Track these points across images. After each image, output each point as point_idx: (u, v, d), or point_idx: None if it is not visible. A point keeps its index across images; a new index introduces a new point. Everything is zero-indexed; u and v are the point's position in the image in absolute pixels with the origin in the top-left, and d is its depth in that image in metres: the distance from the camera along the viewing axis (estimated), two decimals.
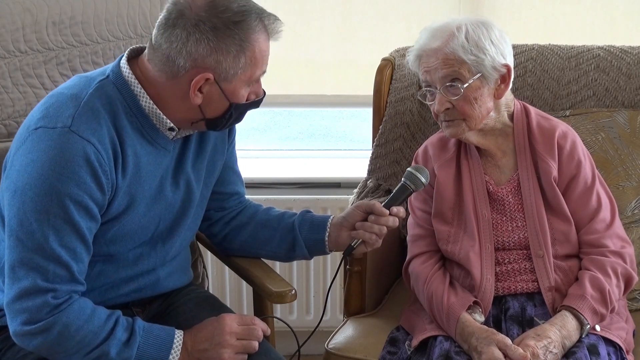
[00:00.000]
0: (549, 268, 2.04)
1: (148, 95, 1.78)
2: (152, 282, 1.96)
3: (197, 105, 1.77)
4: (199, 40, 1.70)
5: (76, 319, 1.71)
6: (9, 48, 2.18)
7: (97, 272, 1.85)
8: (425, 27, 2.09)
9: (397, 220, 1.98)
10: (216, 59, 1.72)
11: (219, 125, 1.84)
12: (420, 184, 1.99)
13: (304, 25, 3.01)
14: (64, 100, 1.75)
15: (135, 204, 1.83)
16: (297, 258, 2.11)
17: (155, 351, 1.76)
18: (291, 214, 2.10)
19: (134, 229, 1.86)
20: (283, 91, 3.08)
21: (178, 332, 1.80)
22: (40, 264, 1.68)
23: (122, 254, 1.88)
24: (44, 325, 1.69)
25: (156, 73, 1.77)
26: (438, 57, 2.01)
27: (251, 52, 1.74)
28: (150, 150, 1.83)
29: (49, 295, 1.69)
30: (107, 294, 1.88)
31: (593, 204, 2.08)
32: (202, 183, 1.98)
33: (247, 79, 1.77)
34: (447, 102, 2.02)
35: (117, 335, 1.73)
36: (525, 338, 1.90)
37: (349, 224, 2.01)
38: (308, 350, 2.23)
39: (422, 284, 2.09)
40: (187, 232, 2.00)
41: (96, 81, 1.79)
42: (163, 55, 1.74)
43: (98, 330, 1.72)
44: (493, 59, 2.02)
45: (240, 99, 1.80)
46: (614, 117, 2.40)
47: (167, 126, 1.82)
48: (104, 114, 1.75)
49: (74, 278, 1.73)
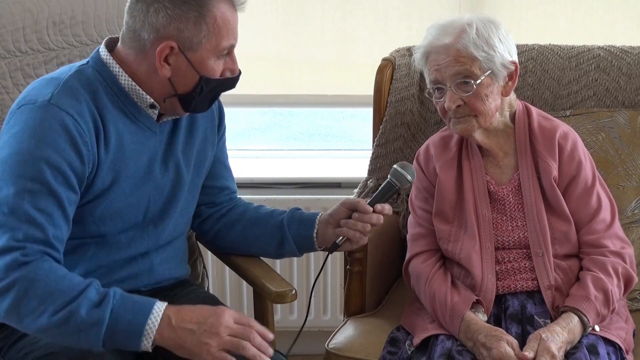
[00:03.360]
0: (549, 267, 2.04)
1: (126, 73, 1.83)
2: (146, 267, 1.96)
3: (167, 78, 1.81)
4: (157, 10, 1.76)
5: (45, 276, 1.66)
6: (10, 48, 2.18)
7: (91, 255, 1.86)
8: (432, 24, 2.08)
9: (382, 218, 1.97)
10: (177, 27, 1.76)
11: (192, 101, 1.85)
12: (405, 181, 1.97)
13: (304, 25, 3.01)
14: (43, 83, 1.82)
15: (120, 180, 1.85)
16: (287, 255, 2.12)
17: (132, 315, 1.67)
18: (280, 211, 2.11)
19: (121, 207, 1.87)
20: (283, 91, 3.08)
21: (161, 302, 1.72)
22: (14, 225, 1.68)
23: (113, 236, 1.89)
24: (11, 281, 1.65)
25: (127, 51, 1.83)
26: (449, 53, 2.01)
27: (212, 19, 1.77)
28: (135, 129, 1.86)
29: (18, 252, 1.66)
30: (102, 279, 1.83)
31: (593, 204, 2.08)
32: (193, 170, 2.00)
33: (213, 48, 1.80)
34: (458, 99, 2.02)
35: (89, 296, 1.67)
36: (543, 341, 1.88)
37: (335, 220, 2.01)
38: (308, 350, 2.24)
39: (424, 283, 2.09)
40: (180, 218, 2.01)
41: (76, 66, 1.85)
42: (129, 31, 1.80)
43: (68, 290, 1.66)
44: (502, 56, 2.02)
45: (210, 72, 1.82)
46: (614, 117, 2.40)
47: (148, 102, 1.85)
48: (83, 92, 1.79)
49: (49, 241, 1.71)
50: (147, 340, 1.68)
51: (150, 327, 1.68)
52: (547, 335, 1.89)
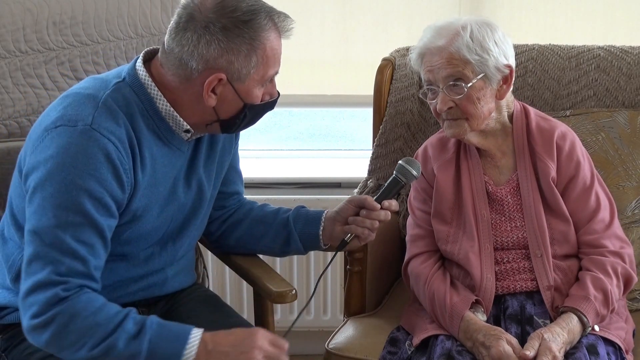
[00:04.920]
0: (548, 268, 2.04)
1: (165, 97, 1.79)
2: (160, 281, 1.97)
3: (212, 106, 1.78)
4: (209, 42, 1.71)
5: (83, 310, 1.67)
6: (10, 48, 2.18)
7: (108, 270, 1.84)
8: (428, 25, 2.09)
9: (389, 214, 1.97)
10: (228, 59, 1.73)
11: (234, 126, 1.84)
12: (411, 177, 1.98)
13: (304, 25, 3.00)
14: (81, 100, 1.76)
15: (151, 205, 1.84)
16: (292, 253, 2.12)
17: (169, 345, 1.68)
18: (286, 209, 2.11)
19: (148, 230, 1.86)
20: (283, 91, 3.06)
21: (196, 329, 1.73)
22: (56, 258, 1.67)
23: (134, 254, 1.88)
24: (51, 315, 1.65)
25: (170, 77, 1.78)
26: (442, 55, 2.01)
27: (262, 50, 1.75)
28: (166, 151, 1.84)
29: (59, 287, 1.66)
30: (116, 291, 1.87)
31: (592, 204, 2.08)
32: (213, 183, 1.99)
33: (259, 78, 1.78)
34: (450, 101, 2.02)
35: (126, 328, 1.68)
36: (545, 342, 1.88)
37: (342, 218, 2.01)
38: (308, 350, 2.24)
39: (423, 284, 2.09)
40: (195, 232, 2.01)
41: (112, 83, 1.79)
42: (176, 58, 1.75)
43: (106, 323, 1.67)
44: (496, 60, 2.01)
45: (254, 99, 1.81)
46: (614, 117, 2.40)
47: (184, 128, 1.83)
48: (121, 114, 1.75)
49: (89, 274, 1.70)
50: None
51: (187, 356, 1.69)
52: (549, 335, 1.89)
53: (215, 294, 2.17)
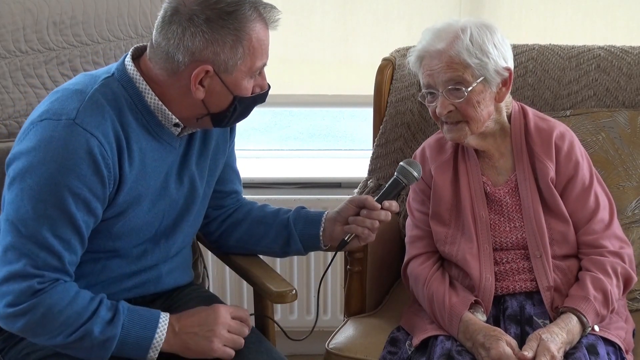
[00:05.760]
0: (547, 268, 2.04)
1: (153, 92, 1.80)
2: (154, 277, 1.97)
3: (200, 99, 1.79)
4: (194, 34, 1.72)
5: (59, 300, 1.71)
6: (10, 48, 2.18)
7: (101, 267, 1.87)
8: (427, 27, 2.08)
9: (390, 214, 1.98)
10: (213, 51, 1.74)
11: (224, 119, 1.85)
12: (412, 178, 1.98)
13: (304, 25, 3.01)
14: (68, 95, 1.78)
15: (140, 199, 1.84)
16: (292, 253, 2.13)
17: (140, 330, 1.77)
18: (286, 210, 2.11)
19: (139, 225, 1.87)
20: (283, 91, 3.08)
21: (164, 314, 1.81)
22: (32, 251, 1.70)
23: (126, 250, 1.89)
24: (27, 307, 1.70)
25: (158, 71, 1.79)
26: (442, 59, 2.00)
27: (248, 41, 1.76)
28: (156, 146, 1.85)
29: (35, 280, 1.70)
30: (110, 288, 1.88)
31: (591, 204, 2.08)
32: (206, 181, 1.99)
33: (247, 69, 1.78)
34: (449, 105, 2.02)
35: (101, 315, 1.74)
36: (543, 342, 1.88)
37: (342, 218, 2.01)
38: (308, 350, 2.24)
39: (422, 285, 2.09)
40: (190, 229, 2.01)
41: (101, 78, 1.81)
42: (162, 52, 1.76)
43: (81, 311, 1.73)
44: (496, 63, 2.01)
45: (244, 92, 1.81)
46: (614, 117, 2.40)
47: (173, 122, 1.83)
48: (108, 109, 1.76)
49: (64, 269, 1.74)
50: (153, 352, 1.78)
51: (157, 340, 1.78)
52: (547, 335, 1.89)
53: (215, 295, 2.17)
